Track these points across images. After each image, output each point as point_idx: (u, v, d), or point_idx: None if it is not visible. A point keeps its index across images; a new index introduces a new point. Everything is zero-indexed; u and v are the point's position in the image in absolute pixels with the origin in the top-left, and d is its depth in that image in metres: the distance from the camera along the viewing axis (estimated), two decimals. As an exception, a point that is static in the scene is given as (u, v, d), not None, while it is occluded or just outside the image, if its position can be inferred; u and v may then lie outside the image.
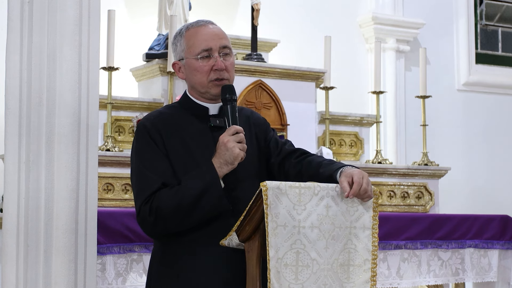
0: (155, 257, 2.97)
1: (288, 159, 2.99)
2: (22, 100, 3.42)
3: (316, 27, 6.71)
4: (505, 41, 7.95)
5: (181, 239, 2.86)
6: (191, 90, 3.02)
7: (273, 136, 3.08)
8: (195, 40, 2.95)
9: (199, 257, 2.84)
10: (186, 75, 2.99)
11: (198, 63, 2.93)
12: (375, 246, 2.80)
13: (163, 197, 2.80)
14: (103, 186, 4.82)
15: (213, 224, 2.83)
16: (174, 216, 2.79)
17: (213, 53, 2.93)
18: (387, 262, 4.64)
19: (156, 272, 2.93)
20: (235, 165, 2.81)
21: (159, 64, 5.41)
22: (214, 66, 2.92)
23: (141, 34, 5.97)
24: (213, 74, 2.93)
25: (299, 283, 2.68)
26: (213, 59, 2.93)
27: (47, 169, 3.39)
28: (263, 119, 3.14)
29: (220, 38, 2.96)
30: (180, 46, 2.99)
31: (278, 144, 3.05)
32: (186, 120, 2.96)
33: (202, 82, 2.94)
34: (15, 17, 3.46)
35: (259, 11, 5.79)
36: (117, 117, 5.26)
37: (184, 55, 2.97)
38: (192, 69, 2.95)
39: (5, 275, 3.40)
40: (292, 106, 5.61)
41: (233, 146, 2.79)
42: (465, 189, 7.37)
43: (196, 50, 2.93)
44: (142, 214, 2.83)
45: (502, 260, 5.04)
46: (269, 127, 3.12)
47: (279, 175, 2.97)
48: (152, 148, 2.88)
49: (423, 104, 6.09)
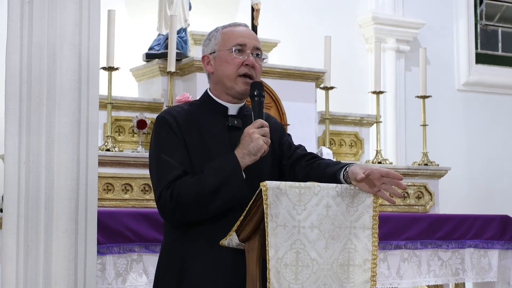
0: (164, 249, 3.01)
1: (299, 162, 3.03)
2: (22, 100, 3.42)
3: (316, 27, 6.71)
4: (505, 41, 7.95)
5: (189, 232, 2.90)
6: (215, 86, 3.06)
7: (287, 140, 3.14)
8: (231, 35, 3.03)
9: (205, 250, 2.87)
10: (215, 68, 3.04)
11: (231, 55, 3.00)
12: (375, 246, 2.80)
13: (184, 185, 2.83)
14: (103, 186, 4.82)
15: (224, 219, 2.85)
16: (194, 204, 2.83)
17: (247, 49, 3.00)
18: (387, 262, 4.64)
19: (164, 264, 2.97)
20: (258, 157, 2.86)
21: (159, 64, 5.41)
22: (246, 61, 2.99)
23: (141, 34, 5.97)
24: (243, 68, 2.99)
25: (299, 283, 2.68)
26: (245, 55, 3.00)
27: (47, 169, 3.39)
28: (280, 123, 3.21)
29: (255, 39, 3.06)
30: (215, 40, 3.05)
31: (291, 147, 3.10)
32: (205, 117, 3.01)
33: (231, 74, 3.00)
34: (15, 17, 3.46)
35: (259, 11, 5.79)
36: (117, 117, 5.27)
37: (218, 48, 3.03)
38: (223, 61, 3.01)
39: (5, 275, 3.40)
40: (292, 106, 5.61)
41: (257, 137, 2.84)
42: (465, 189, 7.37)
43: (231, 43, 3.01)
44: (163, 200, 2.86)
45: (502, 260, 5.04)
46: (284, 131, 3.18)
47: (289, 177, 3.01)
48: (172, 138, 2.93)
49: (423, 104, 6.10)
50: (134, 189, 4.91)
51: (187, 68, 5.37)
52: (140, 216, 3.92)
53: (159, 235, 3.90)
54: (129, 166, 4.93)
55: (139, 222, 3.90)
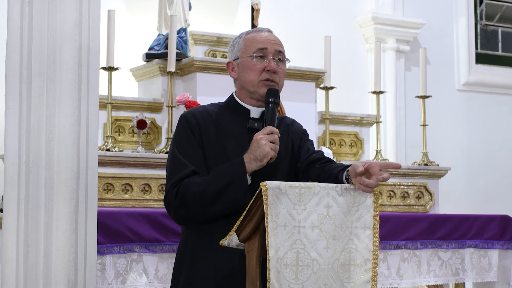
0: (180, 244, 3.08)
1: (313, 165, 3.07)
2: (22, 100, 3.42)
3: (316, 27, 6.71)
4: (505, 41, 7.95)
5: (202, 228, 2.95)
6: (240, 91, 3.12)
7: (306, 144, 3.17)
8: (253, 41, 3.09)
9: (215, 246, 2.88)
10: (238, 74, 3.10)
11: (252, 62, 3.05)
12: (376, 246, 2.81)
13: (190, 185, 2.89)
14: (103, 186, 4.82)
15: (232, 218, 2.85)
16: (197, 204, 2.88)
17: (268, 54, 3.06)
18: (387, 262, 4.64)
19: (179, 259, 3.04)
20: (264, 162, 2.89)
21: (159, 64, 5.41)
22: (267, 67, 3.04)
23: (141, 34, 5.97)
24: (265, 74, 3.04)
25: (299, 283, 2.68)
26: (267, 60, 3.04)
27: (47, 169, 3.39)
28: (303, 129, 3.25)
29: (276, 43, 3.12)
30: (238, 46, 3.11)
31: (309, 151, 3.14)
32: (227, 119, 3.07)
33: (253, 80, 3.05)
34: (15, 17, 3.46)
35: (259, 11, 5.79)
36: (117, 117, 5.26)
37: (240, 54, 3.09)
38: (245, 67, 3.06)
39: (5, 275, 3.40)
40: (292, 106, 5.61)
41: (264, 143, 2.87)
42: (465, 189, 7.37)
43: (252, 49, 3.06)
44: (169, 197, 2.94)
45: (502, 260, 5.04)
46: (305, 136, 3.21)
47: (303, 179, 3.03)
48: (189, 138, 2.99)
49: (423, 104, 6.09)
50: (134, 189, 4.91)
51: (187, 68, 5.37)
52: (140, 216, 3.92)
53: (159, 235, 3.90)
54: (129, 166, 4.93)
55: (139, 222, 3.91)
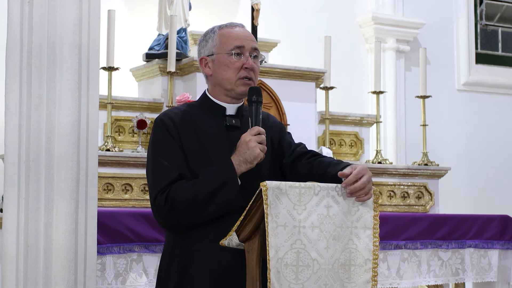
0: (165, 250, 3.02)
1: (299, 160, 3.04)
2: (22, 100, 3.42)
3: (316, 27, 6.71)
4: (505, 41, 7.95)
5: (191, 232, 2.90)
6: (214, 88, 3.07)
7: (286, 138, 3.13)
8: (229, 37, 3.03)
9: (207, 249, 2.87)
10: (214, 71, 3.04)
11: (230, 59, 3.00)
12: (376, 246, 2.80)
13: (179, 189, 2.84)
14: (103, 186, 4.82)
15: (225, 219, 2.85)
16: (188, 209, 2.84)
17: (245, 52, 3.01)
18: (387, 262, 4.64)
19: (165, 264, 2.98)
20: (254, 164, 2.87)
21: (159, 64, 5.41)
22: (245, 65, 3.00)
23: (141, 34, 5.97)
24: (243, 72, 3.00)
25: (299, 283, 2.68)
26: (244, 58, 3.00)
27: (47, 170, 3.39)
28: (279, 122, 3.21)
29: (252, 40, 3.06)
30: (212, 42, 3.05)
31: (291, 145, 3.10)
32: (203, 118, 3.02)
33: (231, 78, 3.01)
34: (15, 17, 3.45)
35: (259, 11, 5.78)
36: (117, 117, 5.26)
37: (216, 51, 3.03)
38: (223, 64, 3.01)
39: (5, 275, 3.40)
40: (292, 106, 5.61)
41: (254, 145, 2.84)
42: (465, 189, 7.37)
43: (230, 46, 3.01)
44: (158, 204, 2.87)
45: (502, 260, 5.04)
46: (284, 130, 3.18)
47: (290, 176, 3.02)
48: (168, 141, 2.94)
49: (423, 104, 6.09)
50: (134, 189, 4.91)
51: (187, 68, 5.37)
52: (140, 216, 3.92)
53: (159, 235, 3.90)
54: (129, 166, 4.93)
55: (139, 222, 3.90)
